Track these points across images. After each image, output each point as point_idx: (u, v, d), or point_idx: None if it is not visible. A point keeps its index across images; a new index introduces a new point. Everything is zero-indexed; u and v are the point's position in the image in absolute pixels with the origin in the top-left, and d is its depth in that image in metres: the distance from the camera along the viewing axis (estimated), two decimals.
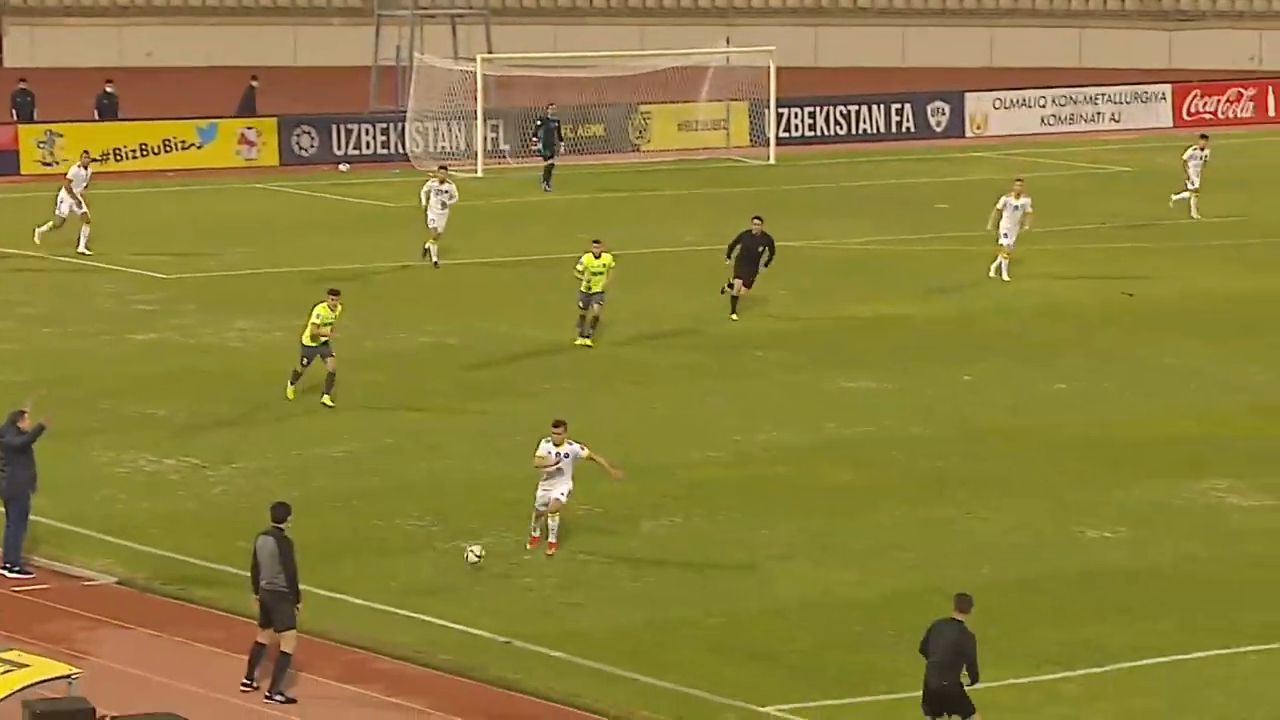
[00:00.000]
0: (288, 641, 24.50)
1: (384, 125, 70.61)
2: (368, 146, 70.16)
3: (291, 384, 38.56)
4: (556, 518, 29.15)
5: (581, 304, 43.27)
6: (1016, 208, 50.42)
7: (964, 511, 33.65)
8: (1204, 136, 58.52)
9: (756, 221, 45.89)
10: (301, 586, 25.19)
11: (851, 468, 36.04)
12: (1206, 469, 35.75)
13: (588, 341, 43.07)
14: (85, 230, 50.90)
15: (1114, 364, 43.23)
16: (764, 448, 37.29)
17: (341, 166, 67.01)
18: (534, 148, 64.82)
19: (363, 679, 25.19)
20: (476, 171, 64.77)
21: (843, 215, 58.68)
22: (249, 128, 68.76)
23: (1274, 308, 48.04)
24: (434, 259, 50.68)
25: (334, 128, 69.88)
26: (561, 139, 64.65)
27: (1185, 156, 57.83)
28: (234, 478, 34.99)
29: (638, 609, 28.94)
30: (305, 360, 38.64)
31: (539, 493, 29.29)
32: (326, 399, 38.06)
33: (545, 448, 29.92)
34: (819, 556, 31.32)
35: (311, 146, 68.84)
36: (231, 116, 69.98)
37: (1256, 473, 35.55)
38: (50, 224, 52.60)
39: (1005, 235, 50.43)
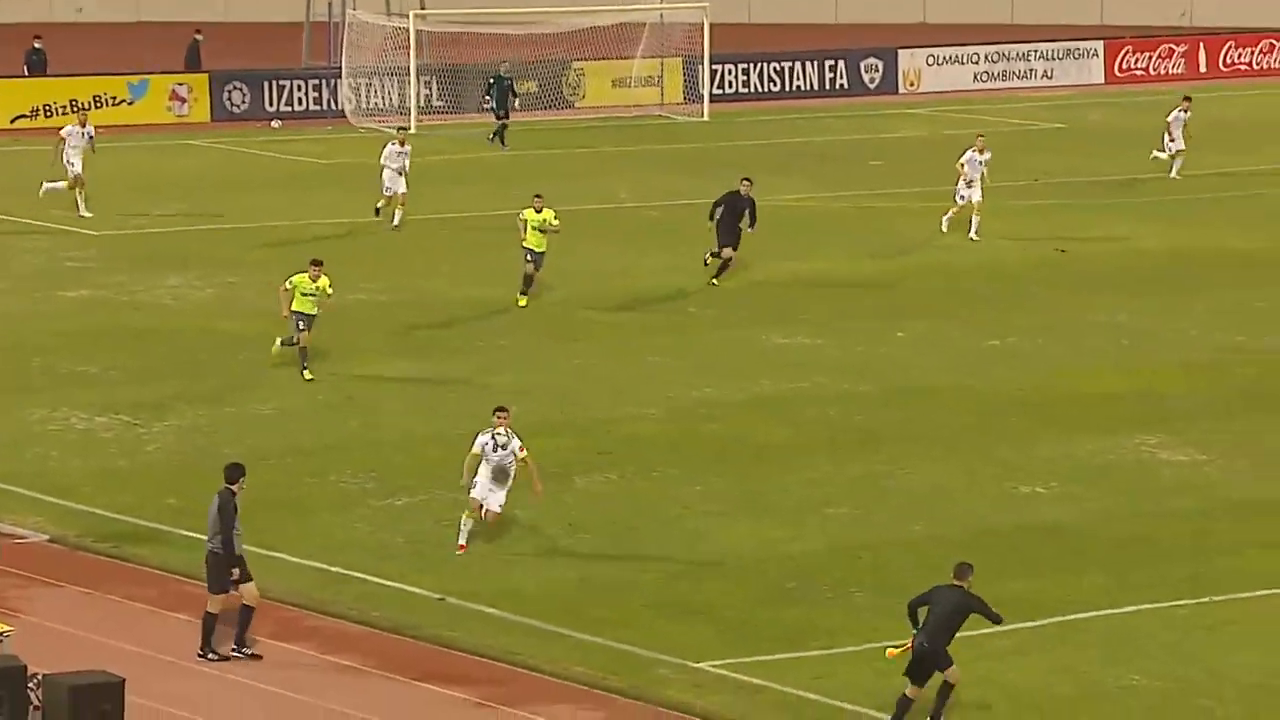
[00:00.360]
0: (248, 595, 24.85)
1: (316, 82, 70.79)
2: (300, 103, 70.26)
3: (282, 346, 38.22)
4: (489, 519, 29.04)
5: (530, 263, 43.07)
6: (980, 163, 50.75)
7: (897, 468, 33.92)
8: (1187, 99, 59.29)
9: (745, 183, 45.92)
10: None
11: (785, 424, 36.30)
12: (1137, 425, 36.13)
13: (521, 300, 43.03)
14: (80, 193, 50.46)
15: (1046, 321, 43.69)
16: (699, 404, 37.50)
17: (274, 123, 67.20)
18: (486, 105, 64.78)
19: (297, 637, 25.32)
20: (410, 128, 63.96)
21: (777, 172, 58.60)
22: (180, 84, 68.91)
23: (1204, 265, 48.51)
24: (395, 222, 50.24)
25: (266, 84, 70.03)
26: (516, 95, 64.65)
27: (1169, 118, 58.25)
28: (166, 435, 35.14)
29: (572, 566, 29.15)
30: (300, 326, 37.82)
31: (477, 490, 28.66)
32: (306, 373, 37.96)
33: (483, 440, 29.15)
34: (753, 513, 31.53)
35: (244, 103, 69.00)
36: (164, 72, 69.79)
37: (1186, 428, 35.95)
38: (64, 183, 51.81)
39: (968, 189, 50.75)
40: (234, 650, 24.97)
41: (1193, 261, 49.31)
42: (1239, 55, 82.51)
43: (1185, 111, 60.38)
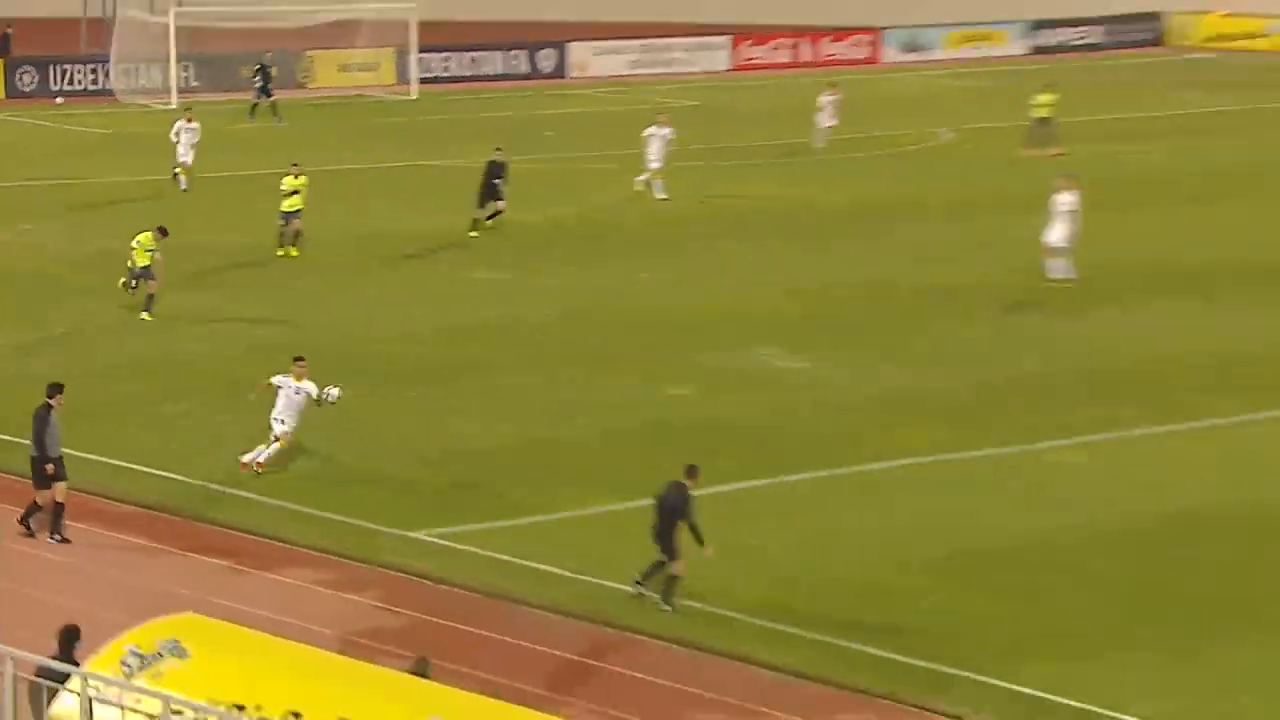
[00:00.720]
0: (59, 492, 25.15)
1: (94, 66, 69.94)
2: (79, 83, 69.44)
3: (125, 287, 38.15)
4: (278, 445, 29.13)
5: (282, 221, 42.89)
6: (662, 136, 50.75)
7: (565, 378, 34.63)
8: (833, 84, 59.05)
9: (498, 150, 46.00)
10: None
11: (480, 343, 36.84)
12: (757, 339, 36.86)
13: (293, 251, 42.91)
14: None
15: (686, 259, 44.08)
16: (423, 328, 37.79)
17: (57, 100, 66.43)
18: (256, 86, 64.17)
19: (92, 518, 25.93)
20: (171, 104, 63.78)
21: (473, 140, 58.09)
22: None
23: (804, 214, 49.18)
24: (183, 186, 49.60)
25: (51, 67, 69.32)
26: (271, 79, 64.25)
27: (821, 99, 57.84)
28: None
29: (318, 461, 29.76)
30: (133, 281, 37.64)
31: (274, 421, 29.07)
32: (145, 315, 37.50)
33: (281, 379, 29.38)
34: (453, 415, 32.28)
35: (32, 83, 68.22)
36: None
37: (796, 342, 36.74)
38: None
39: (653, 160, 50.89)
40: (50, 538, 25.23)
41: (796, 212, 50.00)
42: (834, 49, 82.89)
43: (832, 95, 59.45)
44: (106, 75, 67.81)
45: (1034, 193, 44.50)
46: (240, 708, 15.91)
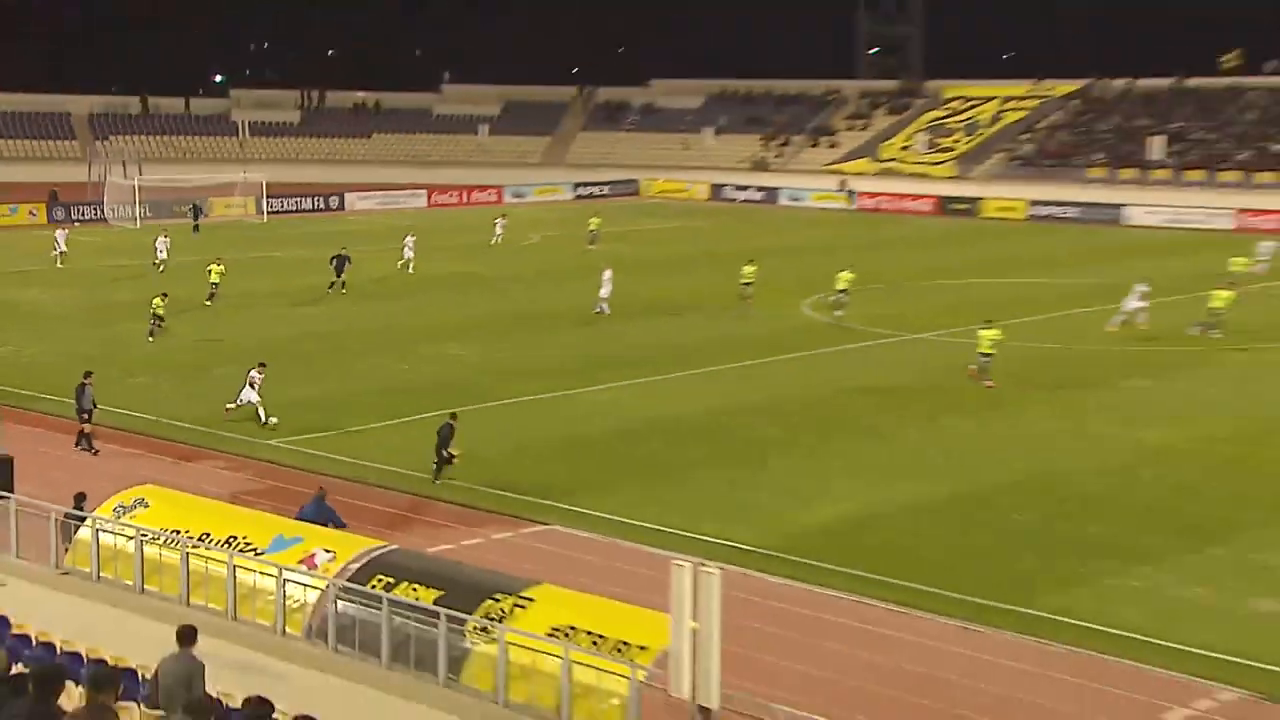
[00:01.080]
0: (87, 427, 26.32)
1: (96, 205, 75.51)
2: (87, 215, 74.85)
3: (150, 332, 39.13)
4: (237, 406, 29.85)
5: (212, 287, 45.19)
6: (409, 242, 53.58)
7: (355, 359, 37.44)
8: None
9: (343, 249, 48.85)
10: None
11: (327, 342, 39.87)
12: (447, 340, 39.96)
13: (208, 304, 44.90)
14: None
15: (419, 300, 47.73)
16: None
17: (74, 223, 68.16)
18: (191, 215, 68.23)
19: None
20: (136, 226, 69.17)
21: (295, 245, 62.67)
22: None
23: (480, 278, 53.01)
24: (160, 269, 51.79)
25: (70, 206, 74.84)
26: (201, 212, 68.01)
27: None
28: None
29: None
30: (156, 325, 39.18)
31: (243, 395, 30.12)
32: (149, 339, 39.02)
33: (253, 373, 29.99)
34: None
35: (63, 214, 72.74)
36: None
37: (465, 341, 39.92)
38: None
39: (408, 251, 53.28)
40: (87, 450, 26.57)
41: (489, 279, 52.65)
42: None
43: (502, 220, 65.18)
44: (102, 210, 76.50)
45: (591, 268, 50.53)
46: (178, 532, 17.79)
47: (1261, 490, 25.81)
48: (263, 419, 28.46)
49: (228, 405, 29.07)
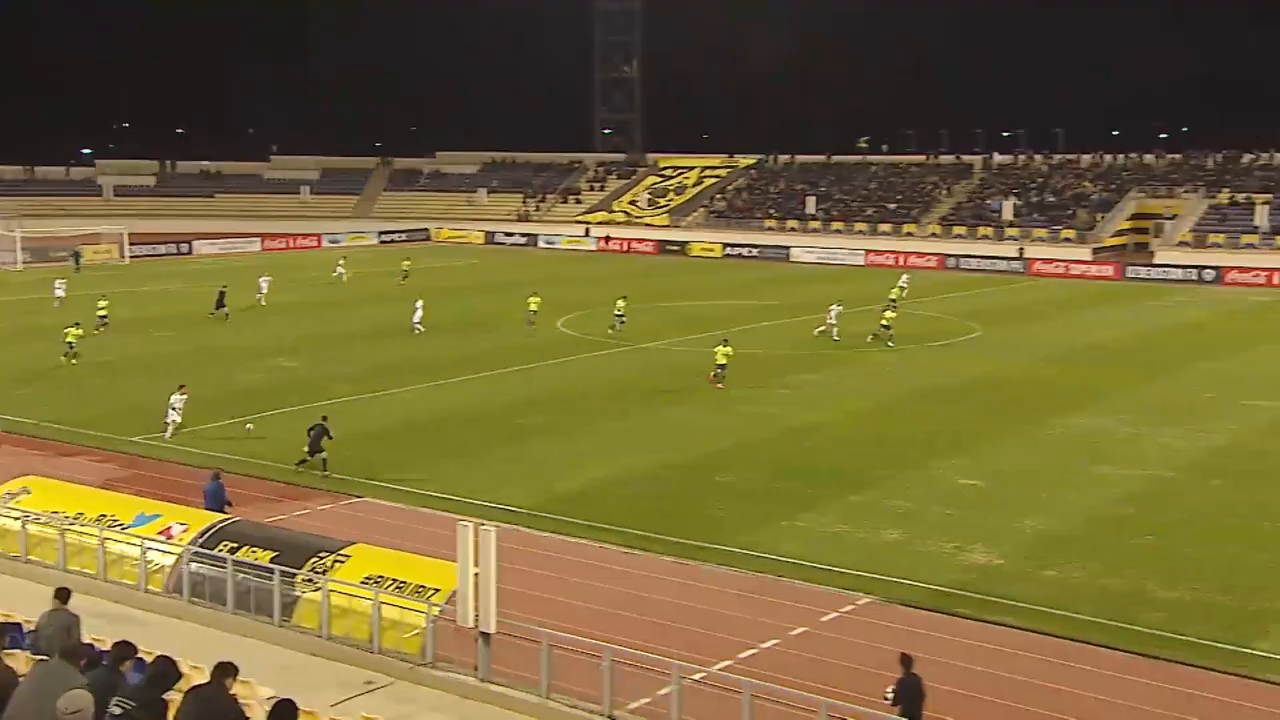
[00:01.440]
0: None
1: None
2: None
3: (68, 358, 36.41)
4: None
5: (100, 318, 42.80)
6: (265, 280, 50.13)
7: (215, 365, 36.25)
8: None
9: (224, 286, 45.90)
10: None
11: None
12: (278, 355, 38.43)
13: (100, 331, 42.08)
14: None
15: (268, 326, 45.52)
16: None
17: None
18: (72, 261, 65.17)
19: None
20: (19, 269, 66.66)
21: (157, 280, 59.74)
22: None
23: (316, 306, 50.28)
24: (56, 306, 48.47)
25: None
26: (80, 257, 64.86)
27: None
28: None
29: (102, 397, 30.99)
30: (70, 350, 36.25)
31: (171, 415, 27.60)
32: (73, 361, 36.47)
33: (175, 396, 27.60)
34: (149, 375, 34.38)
35: None
36: None
37: (295, 354, 38.59)
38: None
39: (264, 285, 49.75)
40: None
41: (326, 305, 50.12)
42: None
43: (343, 262, 60.42)
44: None
45: (402, 297, 49.89)
46: (56, 513, 17.46)
47: (890, 453, 26.61)
48: (166, 433, 26.80)
49: (164, 435, 26.93)
